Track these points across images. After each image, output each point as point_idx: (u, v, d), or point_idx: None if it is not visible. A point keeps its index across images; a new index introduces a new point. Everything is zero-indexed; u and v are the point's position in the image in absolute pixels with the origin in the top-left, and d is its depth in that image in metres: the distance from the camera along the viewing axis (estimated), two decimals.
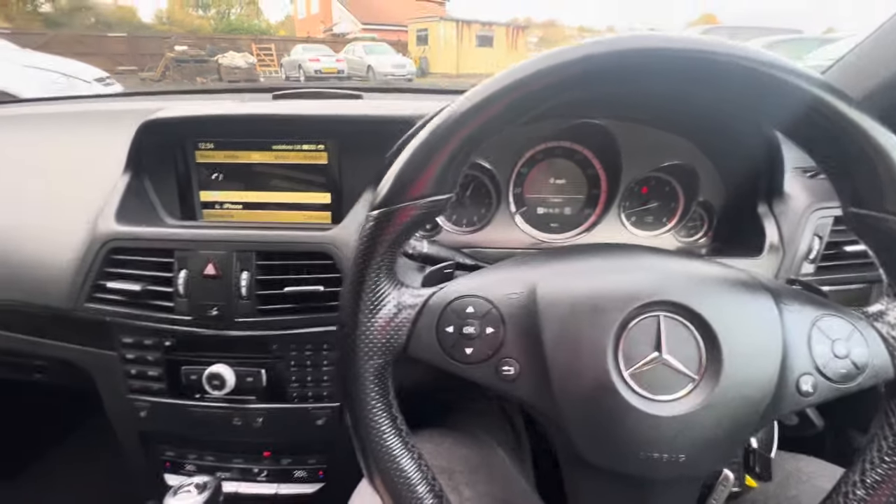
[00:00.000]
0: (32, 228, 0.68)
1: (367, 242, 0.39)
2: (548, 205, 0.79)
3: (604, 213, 0.76)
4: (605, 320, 0.37)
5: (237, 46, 16.35)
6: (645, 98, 0.59)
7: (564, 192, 0.78)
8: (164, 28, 24.92)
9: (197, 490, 0.56)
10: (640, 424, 0.36)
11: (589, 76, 0.35)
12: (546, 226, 0.78)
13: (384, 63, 14.74)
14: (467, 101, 0.37)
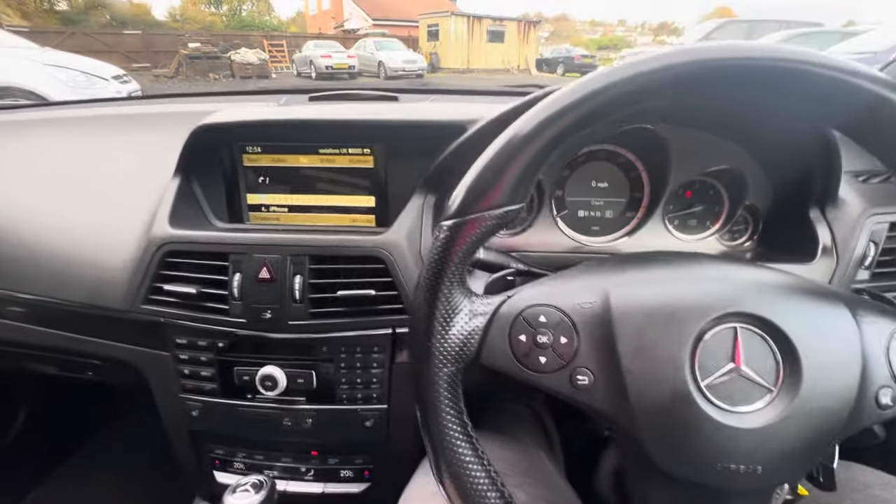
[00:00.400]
0: (88, 231, 0.70)
1: (441, 252, 0.40)
2: (589, 207, 0.79)
3: (647, 217, 0.75)
4: (682, 331, 0.37)
5: (249, 43, 16.45)
6: (700, 103, 0.58)
7: (606, 195, 0.78)
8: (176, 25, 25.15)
9: (254, 489, 0.58)
10: (718, 436, 0.36)
11: (667, 86, 0.35)
12: (587, 229, 0.78)
13: (395, 59, 14.73)
14: (545, 110, 0.37)
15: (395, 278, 0.62)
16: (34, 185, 0.76)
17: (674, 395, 0.37)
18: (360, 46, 16.11)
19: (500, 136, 0.39)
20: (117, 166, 0.76)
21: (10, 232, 0.71)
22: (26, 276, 0.69)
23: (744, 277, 0.40)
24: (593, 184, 0.78)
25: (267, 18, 31.16)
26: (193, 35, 16.92)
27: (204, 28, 23.12)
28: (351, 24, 25.23)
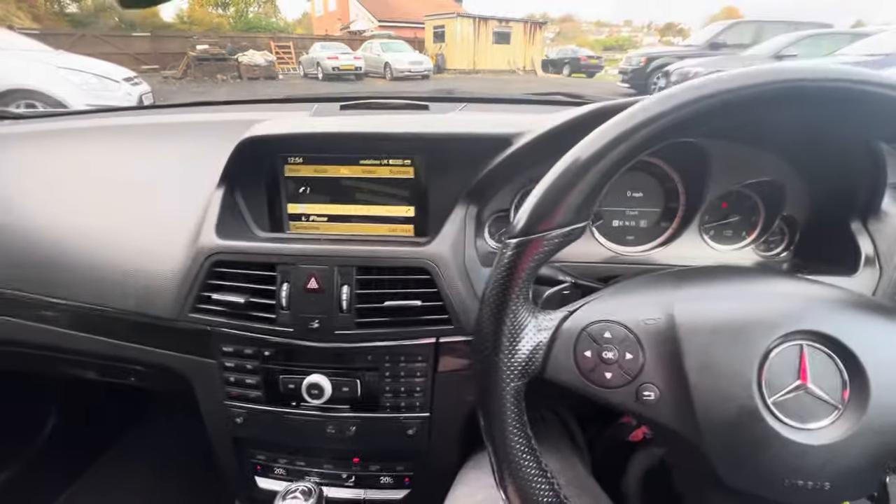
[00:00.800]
0: (135, 240, 0.71)
1: (508, 269, 0.40)
2: (624, 217, 0.79)
3: (682, 227, 0.76)
4: (749, 349, 0.38)
5: (256, 45, 16.57)
6: (759, 120, 0.59)
7: (641, 204, 0.78)
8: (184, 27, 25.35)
9: (303, 496, 0.59)
10: (786, 452, 0.37)
11: (748, 103, 0.36)
12: (622, 238, 0.79)
13: (401, 60, 14.78)
14: (616, 128, 0.38)
15: (441, 289, 0.63)
16: (80, 194, 0.77)
17: (741, 411, 0.37)
18: (367, 48, 16.18)
19: (566, 155, 0.40)
20: (160, 176, 0.77)
21: (58, 240, 0.73)
22: (74, 283, 0.71)
23: (808, 294, 0.41)
24: (628, 193, 0.78)
25: (273, 20, 31.34)
26: (201, 37, 17.05)
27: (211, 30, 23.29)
28: (357, 26, 25.32)
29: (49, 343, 0.73)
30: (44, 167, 0.83)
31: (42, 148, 0.86)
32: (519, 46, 21.08)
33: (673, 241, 0.77)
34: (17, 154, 0.86)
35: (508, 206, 0.76)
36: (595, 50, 26.44)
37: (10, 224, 0.75)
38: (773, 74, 0.34)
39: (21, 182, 0.81)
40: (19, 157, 0.85)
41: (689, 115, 0.37)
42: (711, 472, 0.39)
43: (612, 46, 37.89)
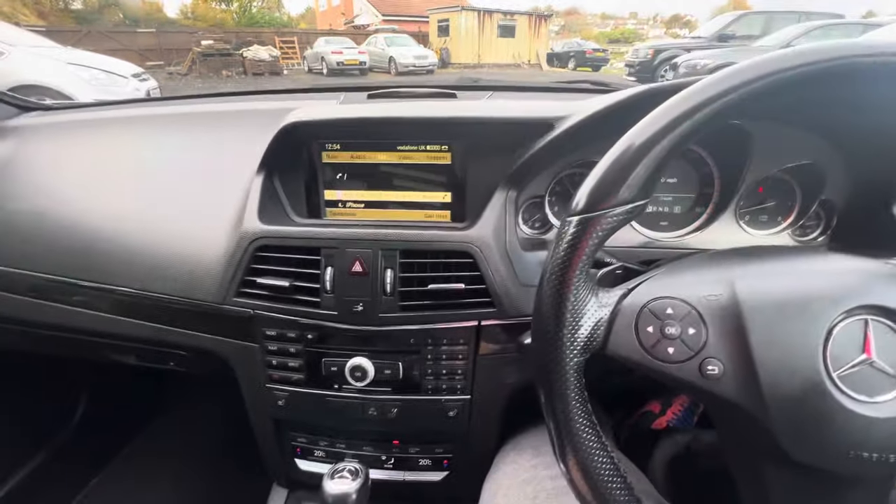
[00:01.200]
0: (178, 226, 0.72)
1: (571, 247, 0.41)
2: (657, 203, 0.79)
3: (717, 213, 0.76)
4: (814, 324, 0.38)
5: (261, 40, 16.54)
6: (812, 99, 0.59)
7: (675, 190, 0.78)
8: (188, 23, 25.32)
9: (351, 475, 0.60)
10: (852, 425, 0.37)
11: (809, 80, 0.36)
12: (656, 224, 0.79)
13: (406, 55, 14.72)
14: (682, 104, 0.38)
15: (484, 273, 0.63)
16: (120, 182, 0.78)
17: (807, 385, 0.38)
18: (371, 42, 16.11)
19: (630, 131, 0.40)
20: (199, 163, 0.78)
21: (100, 227, 0.74)
22: (120, 270, 0.72)
23: (871, 270, 0.41)
24: (662, 179, 0.78)
25: (277, 15, 31.25)
26: (206, 32, 17.03)
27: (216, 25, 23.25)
28: (361, 20, 25.22)
29: (95, 328, 0.75)
30: (82, 156, 0.84)
31: (79, 137, 0.88)
32: (524, 40, 20.93)
33: (708, 227, 0.77)
34: (53, 143, 0.87)
35: (543, 193, 0.76)
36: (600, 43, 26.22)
37: (52, 211, 0.77)
38: (844, 49, 0.35)
39: (61, 170, 0.82)
40: (56, 146, 0.86)
41: (756, 91, 0.37)
42: (774, 446, 0.39)
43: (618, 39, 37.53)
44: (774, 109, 0.63)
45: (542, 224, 0.78)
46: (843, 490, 0.39)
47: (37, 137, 0.89)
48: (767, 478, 0.42)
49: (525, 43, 20.83)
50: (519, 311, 0.64)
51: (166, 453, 1.22)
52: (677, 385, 0.42)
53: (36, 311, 0.76)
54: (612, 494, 0.41)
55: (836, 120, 0.62)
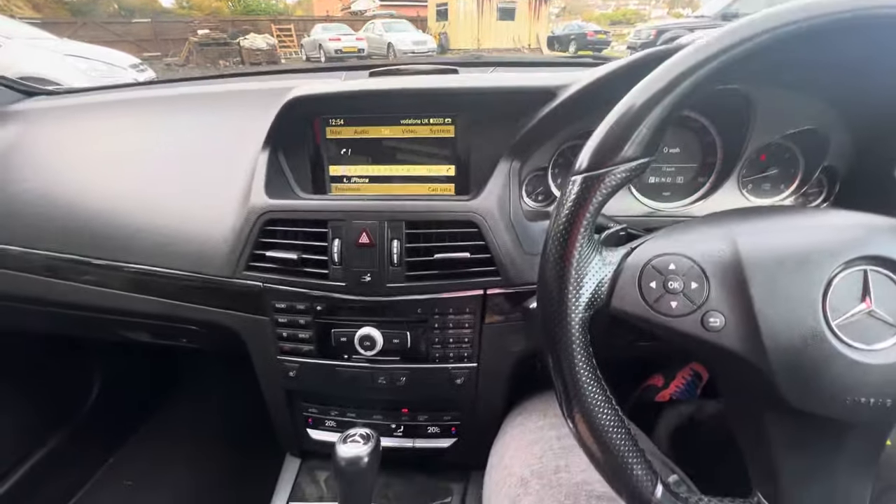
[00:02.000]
0: (186, 203, 0.73)
1: (575, 205, 0.42)
2: (660, 174, 0.80)
3: (720, 182, 0.76)
4: (814, 276, 0.39)
5: (257, 28, 16.36)
6: (816, 59, 0.58)
7: (677, 160, 0.79)
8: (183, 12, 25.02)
9: (362, 440, 0.62)
10: (850, 372, 0.38)
11: (816, 33, 0.36)
12: (658, 194, 0.79)
13: (404, 40, 14.52)
14: (687, 59, 0.39)
15: (489, 242, 0.64)
16: (128, 162, 0.79)
17: (806, 334, 0.39)
18: (369, 28, 15.89)
19: (635, 88, 0.41)
20: (205, 141, 0.79)
21: (111, 206, 0.75)
22: (130, 247, 0.73)
23: (870, 224, 0.41)
24: (665, 150, 0.79)
25: (273, 2, 30.80)
26: (201, 21, 16.84)
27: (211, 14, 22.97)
28: (358, 6, 24.84)
29: (108, 305, 0.76)
30: (88, 137, 0.85)
31: (83, 119, 0.88)
32: (524, 23, 20.58)
33: (710, 196, 0.77)
34: (59, 126, 0.88)
35: (546, 165, 0.76)
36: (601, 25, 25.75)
37: (61, 190, 0.78)
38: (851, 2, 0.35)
39: (67, 152, 0.83)
40: (62, 129, 0.87)
41: (763, 45, 0.37)
42: (774, 394, 0.40)
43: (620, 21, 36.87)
44: (778, 70, 0.63)
45: (546, 197, 0.79)
46: (841, 435, 0.41)
47: (42, 120, 0.90)
48: (767, 426, 0.43)
49: (525, 26, 20.50)
50: (523, 280, 0.65)
51: (180, 432, 1.25)
52: (679, 339, 0.43)
53: (50, 289, 0.78)
54: (617, 446, 0.42)
55: (840, 82, 0.62)
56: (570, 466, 0.56)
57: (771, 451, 0.43)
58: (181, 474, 1.14)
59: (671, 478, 0.45)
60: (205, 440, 1.21)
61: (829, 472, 0.42)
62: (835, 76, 0.61)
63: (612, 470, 0.43)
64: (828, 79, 0.62)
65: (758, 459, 0.45)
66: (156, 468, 1.16)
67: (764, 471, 0.45)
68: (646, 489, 0.42)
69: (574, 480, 0.55)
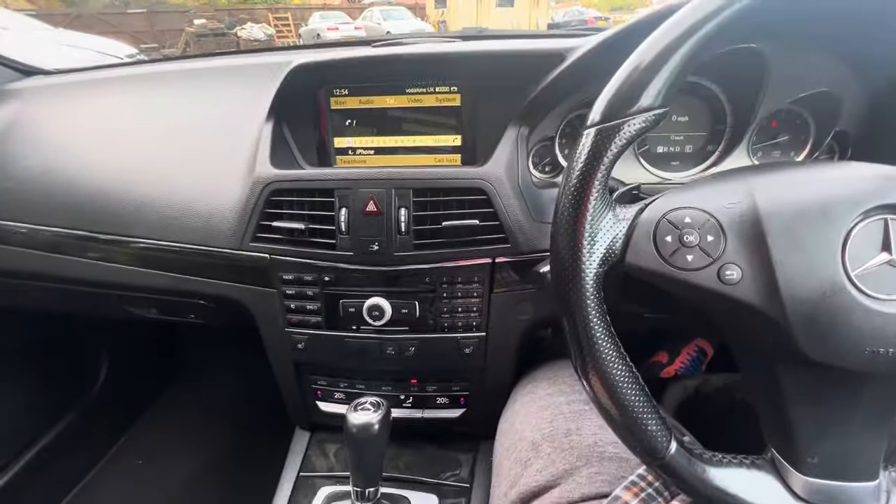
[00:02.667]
0: (192, 176, 0.73)
1: (590, 157, 0.41)
2: (668, 143, 0.79)
3: (729, 150, 0.75)
4: (834, 225, 0.38)
5: (254, 17, 16.17)
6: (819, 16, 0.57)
7: (686, 129, 0.78)
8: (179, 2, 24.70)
9: (373, 408, 0.62)
10: (869, 322, 0.38)
11: None
12: (667, 164, 0.79)
13: (403, 29, 14.34)
14: (709, 3, 0.38)
15: (497, 209, 0.64)
16: (131, 137, 0.79)
17: (825, 285, 0.38)
18: (367, 17, 15.72)
19: (652, 35, 0.40)
20: (209, 115, 0.78)
21: (115, 180, 0.75)
22: (135, 221, 0.73)
23: (888, 174, 0.41)
24: (673, 118, 0.78)
25: None
26: (197, 11, 16.65)
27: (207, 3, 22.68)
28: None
29: (116, 281, 0.76)
30: (88, 113, 0.84)
31: (83, 96, 0.87)
32: (523, 9, 20.31)
33: (719, 165, 0.76)
34: (59, 102, 0.87)
35: (553, 134, 0.75)
36: (602, 11, 25.42)
37: (63, 166, 0.77)
38: None
39: (69, 128, 0.82)
40: (62, 105, 0.86)
41: None
42: (791, 346, 0.40)
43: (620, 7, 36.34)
44: (797, 23, 0.61)
45: (553, 168, 0.78)
46: (857, 386, 0.40)
47: (41, 97, 0.89)
48: (782, 380, 0.43)
49: (524, 12, 20.23)
50: (532, 247, 0.65)
51: (189, 410, 1.26)
52: (694, 294, 0.42)
53: (56, 265, 0.78)
54: (632, 402, 0.42)
55: (858, 36, 0.61)
56: (581, 429, 0.56)
57: (786, 406, 0.43)
58: (191, 451, 1.15)
59: (686, 437, 0.45)
60: (214, 418, 1.22)
61: (845, 426, 0.42)
62: (853, 30, 0.59)
63: (627, 426, 0.43)
64: (846, 33, 0.61)
65: (772, 415, 0.45)
66: (166, 446, 1.17)
67: (778, 427, 0.44)
68: (661, 445, 0.42)
69: (585, 443, 0.55)
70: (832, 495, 0.42)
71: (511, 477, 0.57)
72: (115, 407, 1.22)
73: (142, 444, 1.19)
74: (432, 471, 0.76)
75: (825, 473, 0.42)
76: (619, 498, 0.46)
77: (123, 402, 1.24)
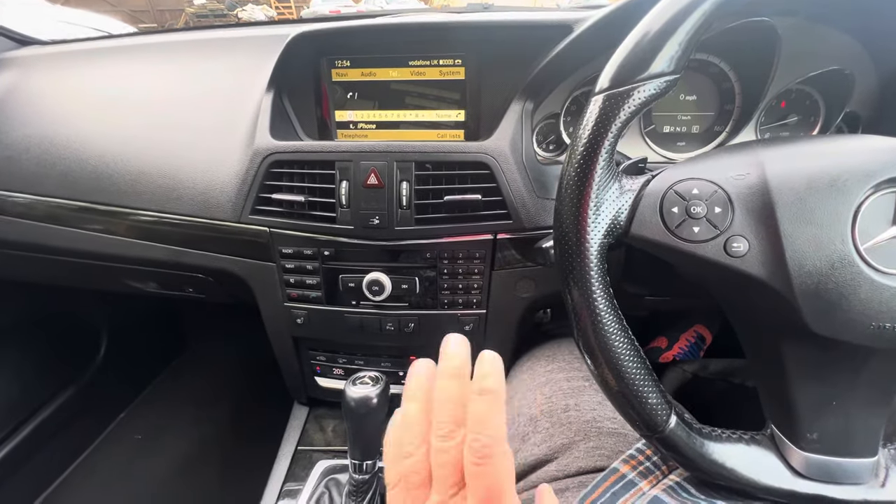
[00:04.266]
0: (191, 148, 0.71)
1: (597, 124, 0.40)
2: (675, 123, 0.77)
3: (737, 130, 0.74)
4: (844, 197, 0.37)
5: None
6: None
7: (694, 109, 0.76)
8: None
9: (371, 382, 0.61)
10: (876, 296, 0.37)
11: None
12: (673, 144, 0.77)
13: None
14: None
15: (500, 184, 0.63)
16: (129, 107, 0.77)
17: (834, 258, 0.37)
18: (369, 0, 15.47)
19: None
20: (207, 86, 0.77)
21: (112, 150, 0.74)
22: (133, 191, 0.72)
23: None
24: (681, 97, 0.76)
25: None
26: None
27: None
28: None
29: (113, 252, 0.75)
30: (87, 83, 0.82)
31: (81, 66, 0.86)
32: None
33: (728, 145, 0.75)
34: (57, 71, 0.85)
35: (559, 111, 0.74)
36: None
37: (62, 135, 0.76)
38: None
39: (67, 97, 0.81)
40: (60, 74, 0.84)
41: None
42: (796, 320, 0.39)
43: None
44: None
45: (557, 146, 0.77)
46: (861, 362, 0.40)
47: (39, 66, 0.87)
48: (785, 355, 0.42)
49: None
50: (535, 224, 0.64)
51: (188, 386, 1.26)
52: (699, 267, 0.42)
53: (55, 236, 0.77)
54: (632, 375, 0.42)
55: (872, 15, 0.59)
56: (579, 405, 0.56)
57: (787, 382, 0.43)
58: (190, 427, 1.15)
59: (685, 413, 0.45)
60: (213, 393, 1.23)
61: (846, 402, 0.42)
62: (869, 4, 0.58)
63: (626, 399, 0.42)
64: (862, 7, 0.59)
65: (773, 391, 0.45)
66: (165, 422, 1.18)
67: (779, 402, 0.44)
68: (660, 419, 0.42)
69: (584, 418, 0.55)
70: (830, 471, 0.42)
71: None
72: (115, 382, 1.22)
73: (142, 419, 1.20)
74: None
75: (824, 450, 0.42)
76: (616, 471, 0.46)
77: (123, 377, 1.25)
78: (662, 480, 0.46)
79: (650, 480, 0.46)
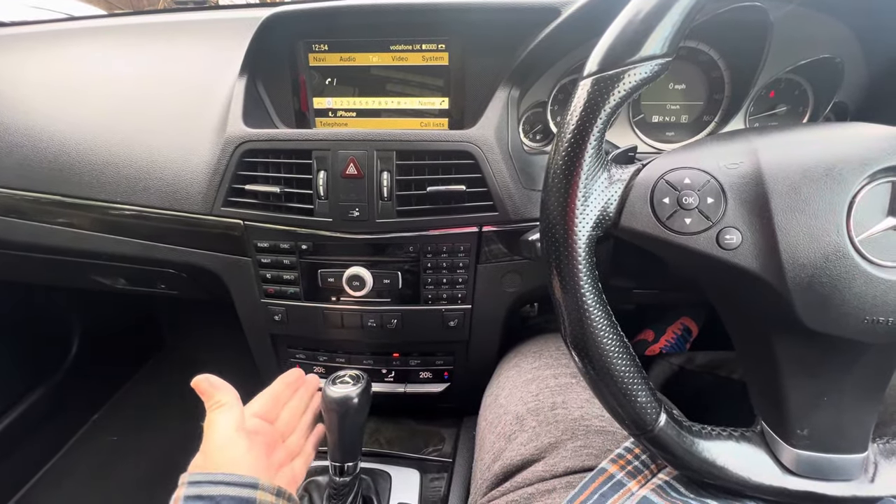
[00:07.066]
0: (158, 134, 0.67)
1: (586, 110, 0.38)
2: (664, 112, 0.76)
3: (726, 120, 0.73)
4: (840, 187, 0.36)
5: None
6: None
7: (682, 98, 0.75)
8: None
9: (352, 381, 0.59)
10: (871, 289, 0.36)
11: None
12: (662, 134, 0.76)
13: None
14: None
15: (485, 174, 0.60)
16: (92, 92, 0.72)
17: (828, 250, 0.36)
18: None
19: None
20: (175, 72, 0.72)
21: (73, 138, 0.69)
22: (97, 182, 0.68)
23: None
24: (670, 86, 0.75)
25: None
26: None
27: None
28: None
29: (79, 247, 0.71)
30: (45, 67, 0.77)
31: (40, 49, 0.80)
32: None
33: None
34: (13, 54, 0.80)
35: (545, 99, 0.72)
36: None
37: (20, 122, 0.71)
38: None
39: (24, 81, 0.76)
40: (16, 57, 0.79)
41: None
42: (789, 314, 0.38)
43: None
44: None
45: (544, 136, 0.75)
46: (853, 357, 0.39)
47: None
48: (777, 350, 0.41)
49: None
50: (521, 216, 0.62)
51: (165, 386, 1.22)
52: (690, 260, 0.40)
53: (15, 230, 0.72)
54: (621, 372, 0.40)
55: (865, 2, 0.58)
56: (567, 403, 0.55)
57: (778, 378, 0.41)
58: (168, 428, 1.12)
59: (674, 410, 0.43)
60: (190, 394, 1.18)
61: (837, 398, 0.41)
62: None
63: (615, 397, 0.41)
64: None
65: (763, 387, 0.44)
66: (141, 423, 1.14)
67: (769, 399, 0.43)
68: (650, 417, 0.40)
69: (571, 416, 0.53)
70: (821, 467, 0.41)
71: (494, 451, 0.55)
72: (88, 382, 1.18)
73: (119, 419, 1.15)
74: (414, 446, 0.74)
75: (815, 446, 0.41)
76: (604, 471, 0.45)
77: (97, 377, 1.20)
78: (651, 480, 0.45)
79: (639, 480, 0.44)
